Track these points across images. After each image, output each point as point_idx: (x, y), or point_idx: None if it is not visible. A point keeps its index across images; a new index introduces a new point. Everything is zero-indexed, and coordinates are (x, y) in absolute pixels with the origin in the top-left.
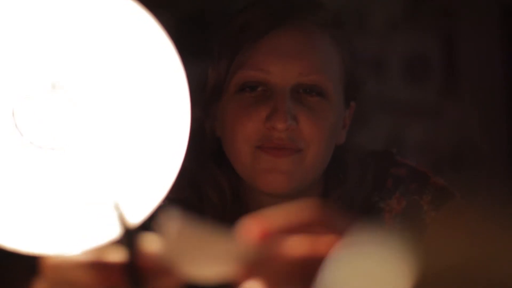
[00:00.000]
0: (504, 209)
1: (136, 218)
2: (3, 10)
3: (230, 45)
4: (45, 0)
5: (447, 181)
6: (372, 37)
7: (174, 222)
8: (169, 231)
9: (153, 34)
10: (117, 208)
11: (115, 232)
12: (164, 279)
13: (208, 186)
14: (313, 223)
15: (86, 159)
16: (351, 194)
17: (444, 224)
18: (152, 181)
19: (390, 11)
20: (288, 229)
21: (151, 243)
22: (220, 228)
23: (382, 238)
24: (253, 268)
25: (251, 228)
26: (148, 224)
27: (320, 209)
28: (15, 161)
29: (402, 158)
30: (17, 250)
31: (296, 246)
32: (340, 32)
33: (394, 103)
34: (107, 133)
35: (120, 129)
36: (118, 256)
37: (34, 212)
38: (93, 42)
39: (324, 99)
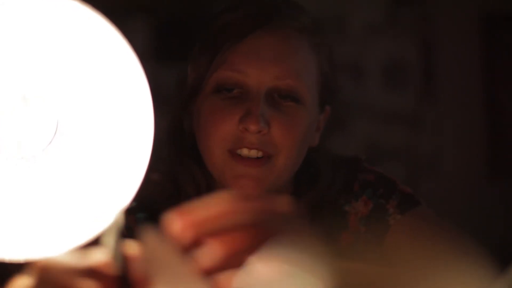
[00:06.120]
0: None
1: (105, 220)
2: None
3: (210, 45)
4: (10, 14)
5: (423, 187)
6: (351, 42)
7: (152, 238)
8: (149, 245)
9: (117, 45)
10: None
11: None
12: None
13: (184, 180)
14: (230, 214)
15: (54, 167)
16: (320, 197)
17: (406, 227)
18: (119, 185)
19: (369, 16)
20: (209, 220)
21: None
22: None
23: (298, 251)
24: None
25: (176, 221)
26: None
27: (237, 201)
28: None
29: (370, 165)
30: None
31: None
32: (319, 38)
33: (372, 108)
34: (74, 140)
35: (86, 136)
36: (106, 263)
37: (4, 219)
38: (59, 55)
39: (299, 105)
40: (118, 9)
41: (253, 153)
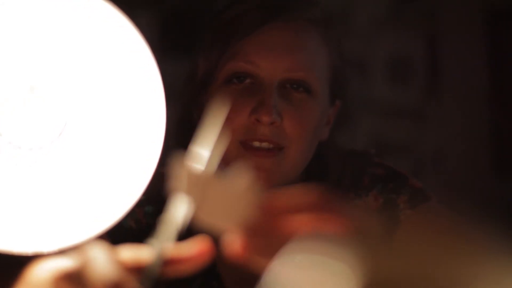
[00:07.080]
0: (480, 217)
1: (114, 215)
2: None
3: (222, 37)
4: (22, 4)
5: (429, 182)
6: (356, 38)
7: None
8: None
9: (129, 37)
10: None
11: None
12: None
13: None
14: (316, 207)
15: (63, 158)
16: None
17: (417, 223)
18: (129, 179)
19: (374, 12)
20: (292, 209)
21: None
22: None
23: (330, 247)
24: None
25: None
26: (125, 221)
27: (322, 194)
28: None
29: (380, 159)
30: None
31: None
32: (330, 31)
33: (377, 104)
34: (84, 132)
35: (96, 128)
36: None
37: (11, 211)
38: (68, 45)
39: (310, 96)
40: (124, 2)
41: (265, 145)
